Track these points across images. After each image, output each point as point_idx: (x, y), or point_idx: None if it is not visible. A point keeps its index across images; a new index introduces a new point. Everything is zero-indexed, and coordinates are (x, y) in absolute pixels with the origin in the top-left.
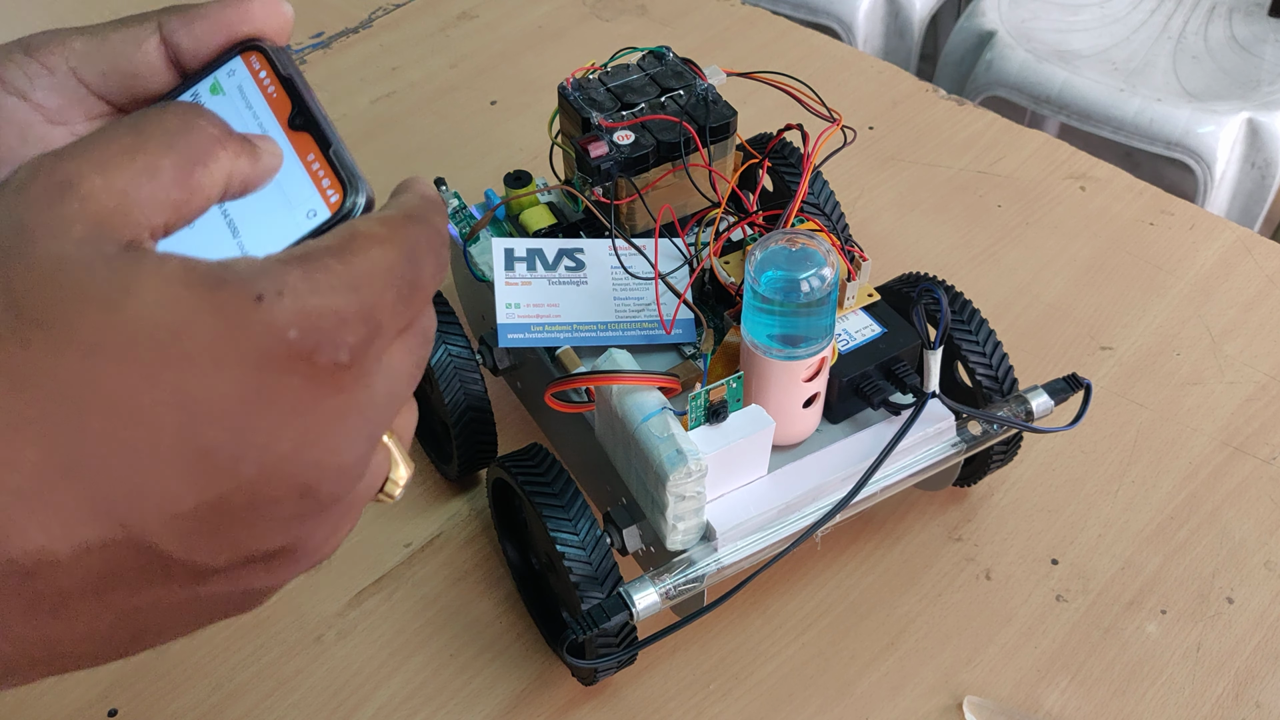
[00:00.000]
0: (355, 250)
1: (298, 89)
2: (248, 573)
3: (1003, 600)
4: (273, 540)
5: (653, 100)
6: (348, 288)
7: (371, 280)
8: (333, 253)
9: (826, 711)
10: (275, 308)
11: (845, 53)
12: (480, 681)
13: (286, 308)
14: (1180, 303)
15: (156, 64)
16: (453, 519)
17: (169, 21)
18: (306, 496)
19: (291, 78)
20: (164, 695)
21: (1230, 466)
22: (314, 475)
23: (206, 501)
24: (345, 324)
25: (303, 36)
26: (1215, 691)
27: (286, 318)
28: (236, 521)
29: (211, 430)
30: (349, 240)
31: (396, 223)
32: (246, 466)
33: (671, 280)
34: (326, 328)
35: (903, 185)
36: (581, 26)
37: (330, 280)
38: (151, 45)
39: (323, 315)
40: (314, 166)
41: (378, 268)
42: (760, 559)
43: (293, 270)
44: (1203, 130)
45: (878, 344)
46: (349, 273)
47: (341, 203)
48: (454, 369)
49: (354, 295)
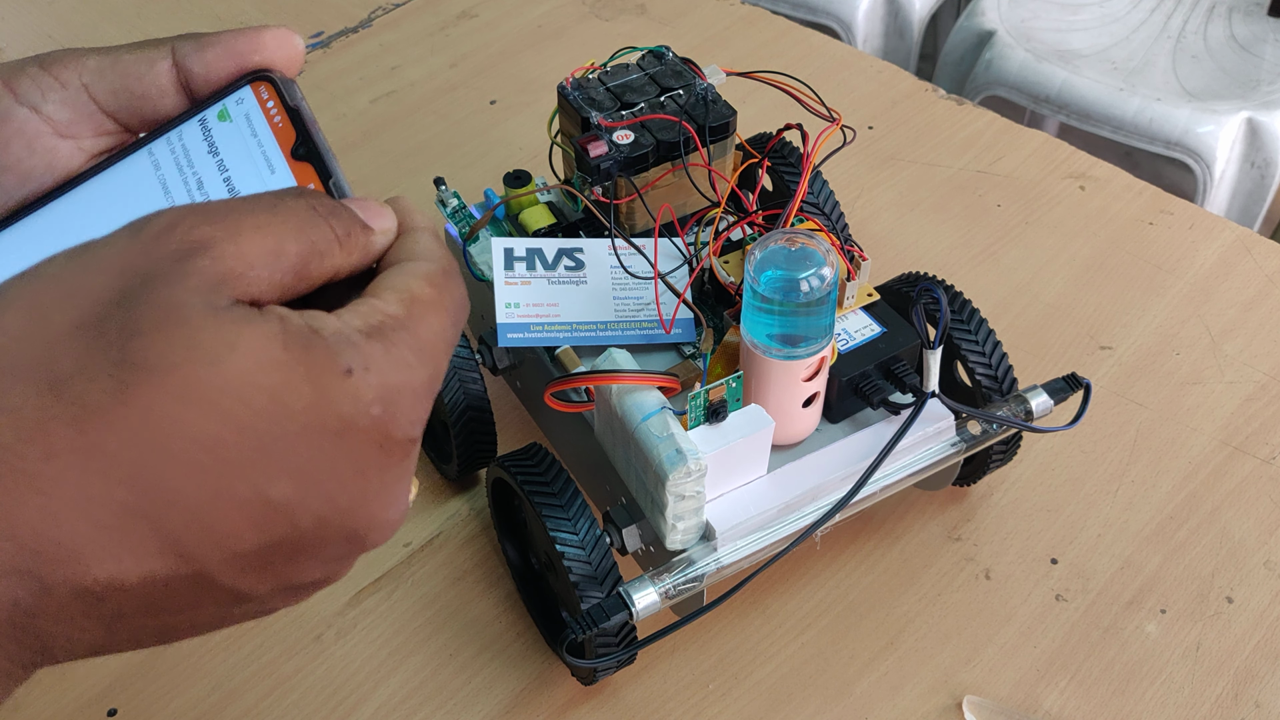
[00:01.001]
0: (419, 321)
1: (303, 120)
2: (280, 598)
3: (1002, 600)
4: (313, 575)
5: (652, 100)
6: (420, 364)
7: (436, 352)
8: (403, 326)
9: (826, 711)
10: (361, 384)
11: (845, 52)
12: (480, 681)
13: (372, 384)
14: (1180, 302)
15: (167, 87)
16: (452, 519)
17: (182, 46)
18: (353, 541)
19: (299, 109)
20: (163, 694)
21: (1230, 466)
22: (366, 527)
23: (266, 545)
24: (418, 400)
25: (302, 36)
26: (1215, 691)
27: (372, 395)
28: (287, 560)
29: (283, 485)
30: (411, 308)
31: (441, 284)
32: (305, 519)
33: (671, 280)
34: (405, 404)
35: (902, 185)
36: (581, 26)
37: (406, 357)
38: (163, 68)
39: (403, 394)
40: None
41: (439, 339)
42: (760, 559)
43: (375, 345)
44: (1202, 130)
45: (877, 344)
46: (418, 345)
47: None
48: (453, 369)
49: (425, 370)
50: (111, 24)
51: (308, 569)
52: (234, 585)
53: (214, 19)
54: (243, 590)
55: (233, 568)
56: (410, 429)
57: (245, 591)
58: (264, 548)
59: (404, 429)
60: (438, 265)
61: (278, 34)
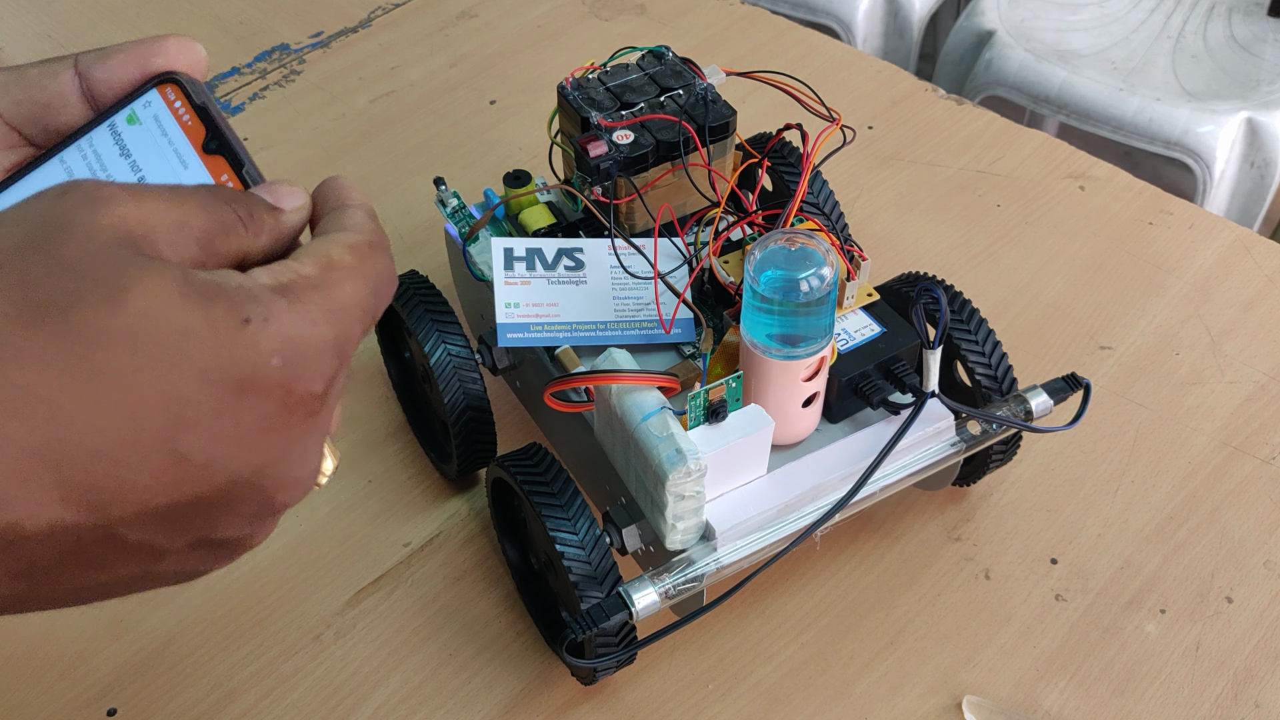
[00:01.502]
0: (333, 284)
1: (211, 116)
2: (200, 556)
3: (1002, 600)
4: (229, 533)
5: (652, 100)
6: (326, 321)
7: (346, 314)
8: (314, 285)
9: (825, 711)
10: (260, 334)
11: (844, 52)
12: (479, 681)
13: (271, 335)
14: (1180, 302)
15: (70, 97)
16: (452, 518)
17: (84, 57)
18: (265, 502)
19: (206, 106)
20: (163, 694)
21: (1230, 466)
22: (278, 486)
23: (177, 502)
24: (324, 358)
25: (302, 36)
26: (1214, 691)
27: (272, 345)
28: (200, 517)
29: (189, 439)
30: (327, 271)
31: (364, 253)
32: (219, 475)
33: (671, 280)
34: (308, 359)
35: (902, 185)
36: (581, 26)
37: (312, 313)
38: (66, 79)
39: (305, 347)
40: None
41: (352, 302)
42: (759, 559)
43: (279, 299)
44: (1202, 130)
45: (877, 343)
46: (327, 305)
47: None
48: (453, 369)
49: (331, 329)
50: (111, 24)
51: (223, 528)
52: (148, 541)
53: (213, 19)
54: (157, 545)
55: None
56: (312, 384)
57: (160, 546)
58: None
59: (306, 384)
60: (364, 237)
61: (179, 41)
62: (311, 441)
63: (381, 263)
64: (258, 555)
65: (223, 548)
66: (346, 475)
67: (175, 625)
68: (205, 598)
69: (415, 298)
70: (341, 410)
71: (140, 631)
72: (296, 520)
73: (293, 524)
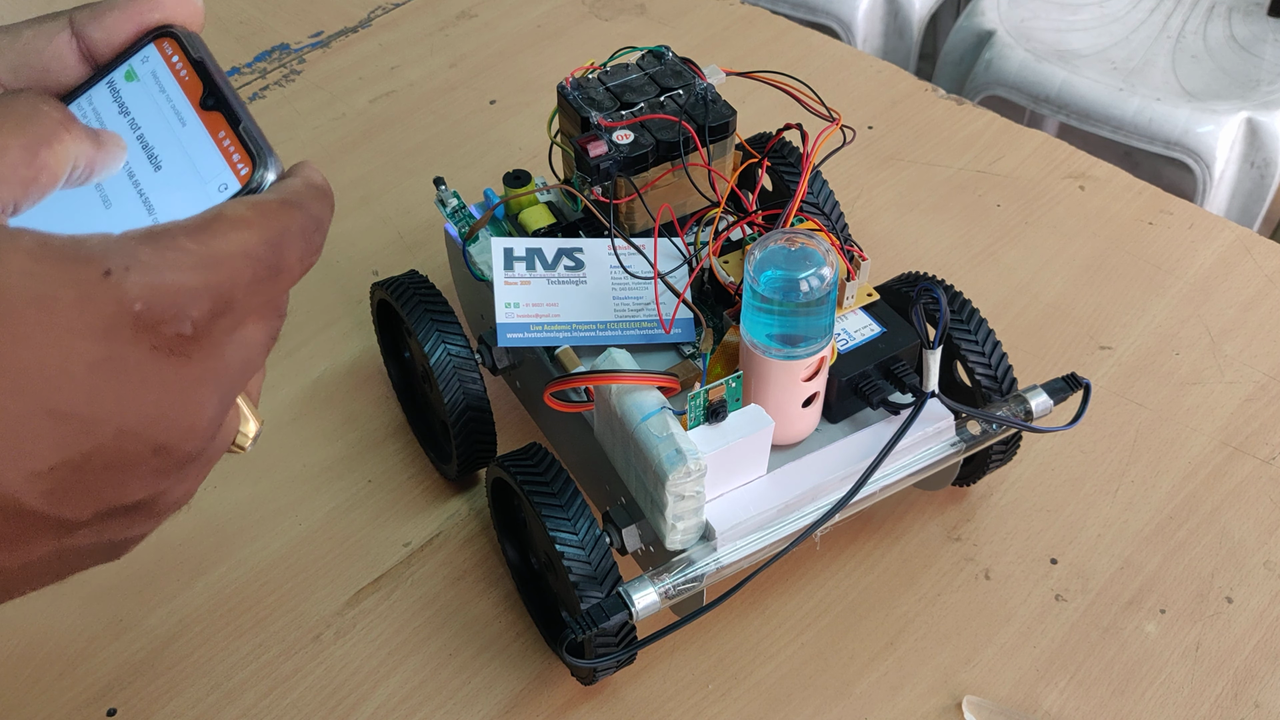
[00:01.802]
0: (214, 231)
1: (209, 71)
2: (111, 524)
3: (1002, 600)
4: (133, 494)
5: (652, 100)
6: (197, 265)
7: (226, 261)
8: (187, 232)
9: (825, 711)
10: (123, 282)
11: (844, 52)
12: (479, 681)
13: (134, 282)
14: (1179, 302)
15: (67, 57)
16: (452, 518)
17: (79, 15)
18: (162, 454)
19: (203, 60)
20: (162, 694)
21: (1229, 466)
22: (169, 436)
23: (66, 461)
24: (191, 299)
25: (302, 36)
26: (1214, 691)
27: (134, 291)
28: (97, 478)
29: (65, 395)
30: (210, 221)
31: (268, 208)
32: (102, 428)
33: (671, 280)
34: (171, 302)
35: (902, 185)
36: (580, 26)
37: (179, 258)
38: (63, 40)
39: (168, 290)
40: (225, 143)
41: (235, 249)
42: (759, 559)
43: (143, 247)
44: (1202, 130)
45: (877, 343)
46: (202, 251)
47: (251, 175)
48: (453, 368)
49: (203, 273)
50: None
51: (125, 488)
52: (50, 511)
53: (213, 18)
54: (62, 516)
55: (38, 490)
56: (179, 325)
57: (65, 518)
58: (67, 465)
59: (172, 325)
60: (277, 196)
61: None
62: (201, 389)
63: (292, 218)
64: (258, 555)
65: (137, 511)
66: (346, 475)
67: (175, 625)
68: (205, 598)
69: (415, 298)
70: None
71: (140, 631)
72: (296, 520)
73: (293, 524)
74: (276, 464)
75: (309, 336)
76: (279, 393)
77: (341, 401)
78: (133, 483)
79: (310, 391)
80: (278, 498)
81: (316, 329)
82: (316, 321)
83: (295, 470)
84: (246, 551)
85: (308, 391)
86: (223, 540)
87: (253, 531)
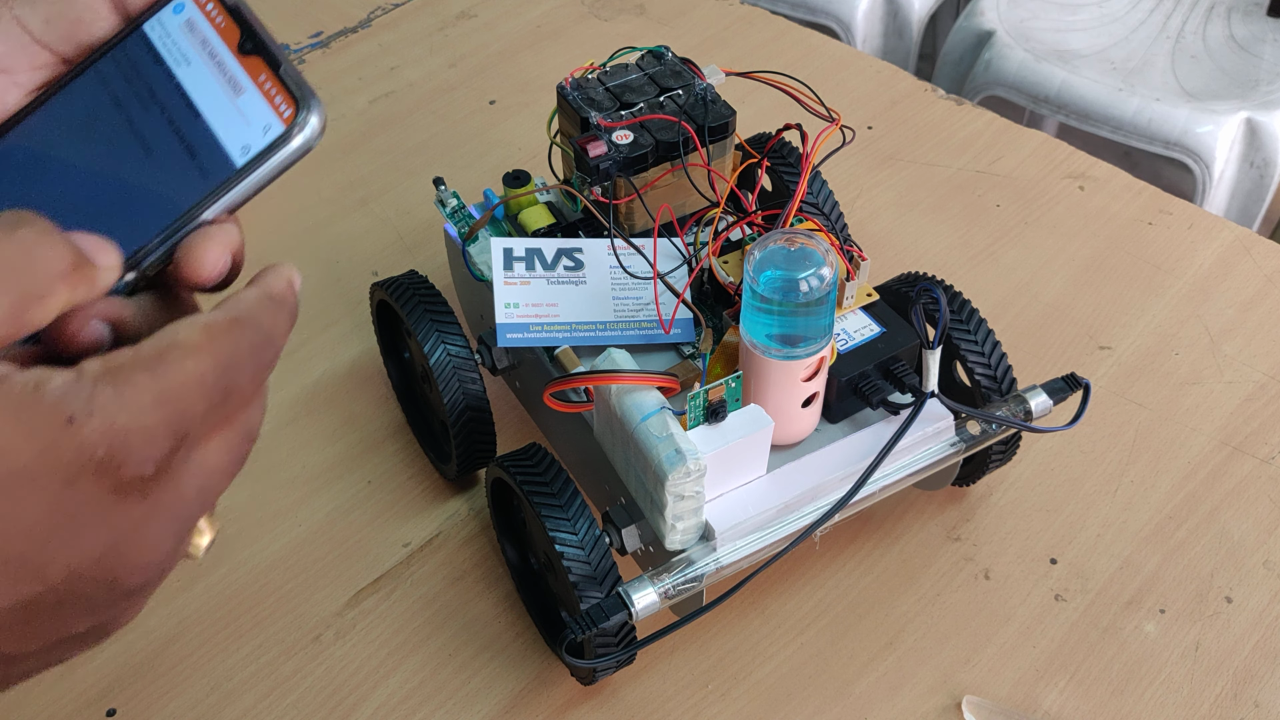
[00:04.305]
0: (168, 362)
1: (244, 16)
2: (57, 651)
3: (1001, 600)
4: (82, 625)
5: (651, 100)
6: (155, 404)
7: (181, 394)
8: (144, 366)
9: (825, 711)
10: (85, 429)
11: (844, 52)
12: (479, 681)
13: (95, 428)
14: (1179, 302)
15: (100, 8)
16: (451, 519)
17: None
18: (115, 588)
19: (238, 6)
20: (162, 695)
21: (1229, 466)
22: (122, 572)
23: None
24: (150, 440)
25: (301, 36)
26: (1214, 691)
27: (95, 438)
28: (47, 616)
29: (17, 544)
30: (163, 352)
31: (218, 330)
32: (54, 571)
33: (670, 280)
34: (134, 445)
35: (901, 185)
36: (580, 26)
37: (138, 396)
38: None
39: (130, 433)
40: (266, 86)
41: (189, 380)
42: (759, 559)
43: (104, 390)
44: (1201, 130)
45: (876, 344)
46: (158, 387)
47: (295, 116)
48: (453, 369)
49: (161, 410)
50: None
51: (73, 621)
52: None
53: None
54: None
55: None
56: (140, 468)
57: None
58: (14, 607)
59: (133, 468)
60: (227, 315)
61: None
62: (157, 524)
63: (242, 337)
64: (258, 555)
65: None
66: (346, 476)
67: (175, 626)
68: (205, 598)
69: (415, 298)
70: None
71: (140, 632)
72: (296, 521)
73: (293, 525)
74: (276, 465)
75: (309, 337)
76: (279, 393)
77: (341, 402)
78: (82, 615)
79: (310, 392)
80: (277, 499)
81: (316, 330)
82: (316, 322)
83: (295, 471)
84: (247, 553)
85: (307, 392)
86: (223, 542)
87: (253, 533)
